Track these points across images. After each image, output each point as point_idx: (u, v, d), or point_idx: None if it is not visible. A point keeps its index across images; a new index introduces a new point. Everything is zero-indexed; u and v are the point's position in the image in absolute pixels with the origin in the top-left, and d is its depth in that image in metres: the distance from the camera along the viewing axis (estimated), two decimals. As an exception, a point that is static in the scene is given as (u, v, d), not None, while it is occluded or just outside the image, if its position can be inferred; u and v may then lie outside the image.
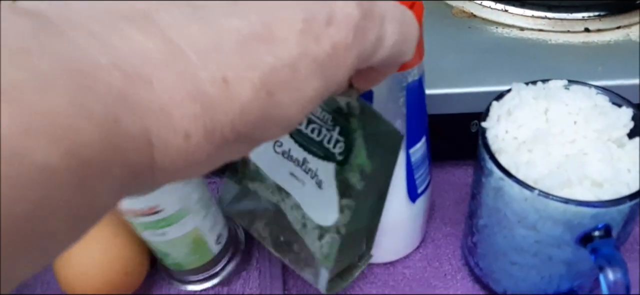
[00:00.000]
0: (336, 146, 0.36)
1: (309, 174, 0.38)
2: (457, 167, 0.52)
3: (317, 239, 0.38)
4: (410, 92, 0.37)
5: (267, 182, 0.41)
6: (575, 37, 0.50)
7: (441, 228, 0.48)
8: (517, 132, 0.37)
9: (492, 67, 0.48)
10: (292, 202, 0.40)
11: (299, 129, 0.37)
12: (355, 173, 0.35)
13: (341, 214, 0.37)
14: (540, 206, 0.35)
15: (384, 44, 0.24)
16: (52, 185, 0.15)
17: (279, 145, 0.39)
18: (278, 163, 0.39)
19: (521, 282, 0.40)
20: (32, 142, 0.15)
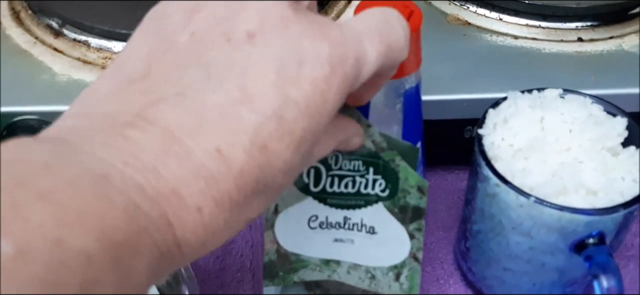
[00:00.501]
0: (376, 187, 0.36)
1: (355, 229, 0.38)
2: (449, 172, 0.52)
3: (394, 280, 0.38)
4: (407, 99, 0.38)
5: (311, 264, 0.39)
6: (569, 47, 0.51)
7: (434, 232, 0.48)
8: (513, 139, 0.38)
9: (486, 74, 0.48)
10: (347, 267, 0.39)
11: (331, 191, 0.37)
12: (414, 194, 0.36)
13: (413, 240, 0.37)
14: (535, 213, 0.35)
15: (367, 60, 0.25)
16: (92, 267, 0.18)
17: (314, 220, 0.38)
18: (317, 238, 0.38)
19: (513, 288, 0.40)
20: (68, 231, 0.17)
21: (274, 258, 0.39)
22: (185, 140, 0.21)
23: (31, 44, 0.50)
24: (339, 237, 0.38)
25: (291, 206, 0.38)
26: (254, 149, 0.22)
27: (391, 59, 0.27)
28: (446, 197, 0.51)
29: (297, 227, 0.38)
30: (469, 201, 0.41)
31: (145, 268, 0.20)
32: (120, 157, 0.20)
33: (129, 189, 0.20)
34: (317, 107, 0.23)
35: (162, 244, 0.20)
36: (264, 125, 0.22)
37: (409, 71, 0.37)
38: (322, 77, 0.23)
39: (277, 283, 0.40)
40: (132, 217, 0.19)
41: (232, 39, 0.23)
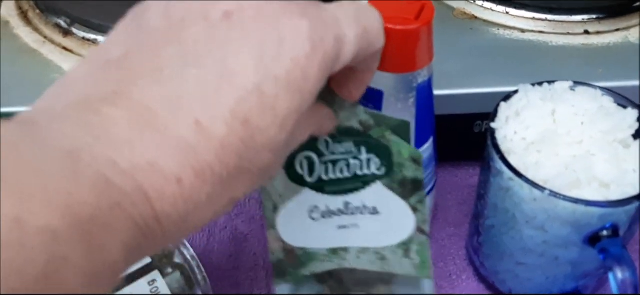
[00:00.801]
0: (371, 166, 0.36)
1: (357, 213, 0.37)
2: (458, 168, 0.52)
3: (404, 257, 0.38)
4: (420, 93, 0.38)
5: (319, 256, 0.39)
6: (575, 39, 0.51)
7: (445, 228, 0.48)
8: (525, 133, 0.38)
9: (494, 68, 0.48)
10: (356, 252, 0.39)
11: (327, 178, 0.36)
12: (409, 166, 0.35)
13: (417, 213, 0.36)
14: (549, 206, 0.35)
15: (347, 41, 0.25)
16: (58, 244, 0.17)
17: (315, 211, 0.38)
18: (321, 229, 0.38)
19: (527, 282, 0.41)
20: (28, 209, 0.17)
21: (282, 256, 0.39)
22: (163, 114, 0.21)
23: (40, 43, 0.50)
24: (343, 224, 0.38)
25: (290, 201, 0.37)
26: (235, 122, 0.22)
27: (369, 43, 0.27)
28: (456, 193, 0.51)
29: (299, 221, 0.38)
30: (481, 196, 0.41)
31: (120, 244, 0.20)
32: (91, 133, 0.20)
33: (99, 163, 0.19)
34: (299, 85, 0.23)
35: (139, 219, 0.20)
36: (245, 99, 0.22)
37: (422, 65, 0.37)
38: (303, 54, 0.23)
39: (288, 280, 0.40)
40: (102, 191, 0.19)
41: (209, 17, 0.23)
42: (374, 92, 0.37)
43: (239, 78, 0.22)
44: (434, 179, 0.43)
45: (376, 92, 0.37)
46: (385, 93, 0.37)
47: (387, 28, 0.35)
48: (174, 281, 0.41)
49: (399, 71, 0.36)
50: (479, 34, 0.51)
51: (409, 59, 0.36)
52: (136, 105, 0.21)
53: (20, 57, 0.49)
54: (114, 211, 0.19)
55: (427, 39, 0.36)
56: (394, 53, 0.36)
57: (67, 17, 0.51)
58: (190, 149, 0.21)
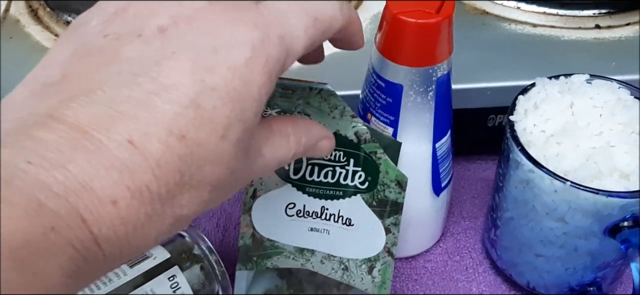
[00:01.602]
0: (355, 178, 0.36)
1: (331, 219, 0.38)
2: (471, 162, 0.52)
3: (367, 274, 0.38)
4: (439, 86, 0.38)
5: (285, 251, 0.40)
6: (587, 34, 0.51)
7: (460, 222, 0.48)
8: (544, 125, 0.38)
9: (507, 63, 0.48)
10: (320, 257, 0.39)
11: (310, 179, 0.37)
12: (393, 188, 0.36)
13: (389, 234, 0.37)
14: (570, 198, 0.36)
15: (295, 35, 0.25)
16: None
17: (291, 207, 0.38)
18: (293, 226, 0.39)
19: (545, 274, 0.41)
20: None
21: (249, 242, 0.40)
22: (96, 135, 0.20)
23: (52, 41, 0.50)
24: (315, 227, 0.38)
25: (269, 192, 0.38)
26: (171, 138, 0.21)
27: (322, 31, 0.26)
28: (470, 187, 0.51)
29: (274, 214, 0.39)
30: (499, 189, 0.41)
31: (58, 268, 0.19)
32: (24, 157, 0.19)
33: (32, 188, 0.19)
34: (239, 93, 0.23)
35: (76, 242, 0.20)
36: (181, 114, 0.21)
37: (442, 59, 0.37)
38: (241, 61, 0.23)
39: (250, 267, 0.41)
40: (35, 216, 0.19)
41: (143, 34, 0.23)
42: (393, 86, 0.37)
43: (173, 93, 0.21)
44: (451, 172, 0.43)
45: (395, 86, 0.37)
46: (404, 87, 0.37)
47: (408, 22, 0.35)
48: (193, 276, 0.41)
49: (419, 65, 0.36)
50: (490, 29, 0.51)
51: (430, 52, 0.36)
52: (70, 127, 0.20)
53: (33, 55, 0.49)
54: (49, 236, 0.19)
55: (448, 33, 0.36)
56: (415, 47, 0.36)
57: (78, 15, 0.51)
58: (125, 169, 0.20)
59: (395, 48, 0.36)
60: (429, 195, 0.42)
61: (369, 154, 0.36)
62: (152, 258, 0.42)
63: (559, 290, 0.41)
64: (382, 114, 0.39)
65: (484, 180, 0.51)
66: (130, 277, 0.41)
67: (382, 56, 0.37)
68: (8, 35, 0.51)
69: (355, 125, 0.35)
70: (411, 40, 0.36)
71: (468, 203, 0.50)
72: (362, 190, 0.37)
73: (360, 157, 0.36)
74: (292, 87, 0.35)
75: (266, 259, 0.40)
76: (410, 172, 0.36)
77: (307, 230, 0.38)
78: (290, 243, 0.39)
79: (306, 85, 0.35)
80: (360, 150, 0.35)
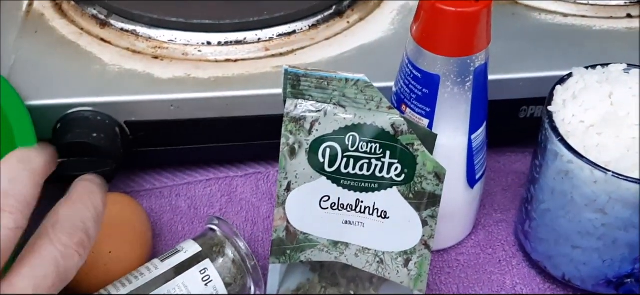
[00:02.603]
0: (391, 171, 0.36)
1: (366, 212, 0.38)
2: (501, 154, 0.52)
3: (403, 266, 0.38)
4: (477, 76, 0.37)
5: (319, 244, 0.39)
6: (618, 23, 0.50)
7: (492, 215, 0.48)
8: (583, 115, 0.37)
9: (538, 53, 0.48)
10: (355, 249, 0.39)
11: (346, 172, 0.37)
12: (431, 180, 0.35)
13: (426, 227, 0.37)
14: (611, 188, 0.35)
15: None
16: None
17: (326, 200, 0.38)
18: (327, 219, 0.38)
19: (582, 266, 0.40)
20: None
21: (283, 235, 0.39)
22: None
23: (77, 35, 0.49)
24: (350, 220, 0.38)
25: (304, 184, 0.37)
26: None
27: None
28: (500, 179, 0.50)
29: (308, 206, 0.38)
30: (535, 180, 0.41)
31: None
32: None
33: None
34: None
35: None
36: None
37: (480, 49, 0.36)
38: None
39: (283, 261, 0.40)
40: None
41: None
42: (430, 77, 0.37)
43: None
44: (485, 164, 0.43)
45: (432, 76, 0.37)
46: (442, 78, 0.37)
47: (447, 11, 0.35)
48: (225, 269, 0.41)
49: (457, 55, 0.36)
50: (521, 19, 0.51)
51: (468, 42, 0.36)
52: None
53: (59, 49, 0.48)
54: None
55: (487, 22, 0.36)
56: (453, 36, 0.35)
57: (104, 8, 0.51)
58: None
59: (433, 37, 0.36)
60: (463, 187, 0.42)
61: (406, 146, 0.35)
62: (183, 252, 0.41)
63: (596, 282, 0.41)
64: (418, 105, 0.39)
65: (515, 172, 0.51)
66: (161, 271, 0.40)
67: (419, 46, 0.36)
68: (33, 29, 0.50)
69: (392, 117, 0.35)
70: (450, 29, 0.35)
71: (499, 195, 0.49)
72: (399, 182, 0.36)
73: (397, 149, 0.35)
74: (328, 79, 0.35)
75: (300, 252, 0.40)
76: (445, 164, 0.35)
77: (342, 223, 0.38)
78: (325, 236, 0.39)
79: (342, 77, 0.34)
80: (397, 142, 0.35)
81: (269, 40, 0.49)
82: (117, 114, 0.45)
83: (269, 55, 0.48)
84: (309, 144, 0.36)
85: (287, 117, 0.36)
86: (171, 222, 0.48)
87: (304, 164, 0.37)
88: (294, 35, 0.49)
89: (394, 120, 0.35)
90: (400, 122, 0.35)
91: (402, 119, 0.35)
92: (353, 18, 0.51)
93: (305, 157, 0.37)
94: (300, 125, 0.36)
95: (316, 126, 0.36)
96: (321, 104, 0.35)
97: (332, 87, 0.35)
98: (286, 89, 0.36)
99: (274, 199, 0.48)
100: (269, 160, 0.52)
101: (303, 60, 0.47)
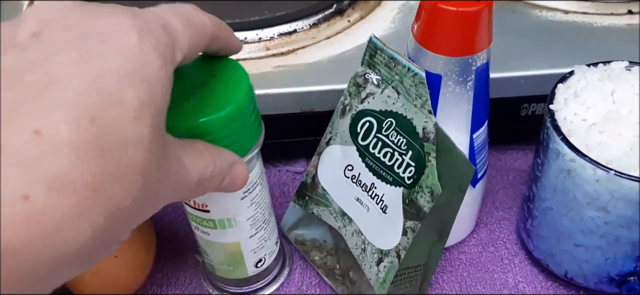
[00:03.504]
0: (406, 171, 0.37)
1: (374, 200, 0.38)
2: (502, 152, 0.52)
3: (375, 264, 0.39)
4: (478, 75, 0.37)
5: (331, 207, 0.41)
6: (620, 20, 0.50)
7: (493, 213, 0.48)
8: (585, 114, 0.37)
9: (539, 50, 0.48)
10: (354, 228, 0.40)
11: (372, 152, 0.38)
12: (425, 194, 0.36)
13: (404, 236, 0.37)
14: (613, 187, 0.35)
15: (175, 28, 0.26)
16: None
17: (350, 169, 0.39)
18: (346, 187, 0.40)
19: (584, 264, 0.40)
20: None
21: (309, 181, 0.42)
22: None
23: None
24: (361, 198, 0.39)
25: (339, 145, 0.40)
26: (81, 121, 0.20)
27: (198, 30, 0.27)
28: (502, 177, 0.50)
29: (335, 167, 0.40)
30: (536, 178, 0.41)
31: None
32: None
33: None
34: (139, 74, 0.22)
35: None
36: (83, 97, 0.20)
37: (481, 48, 0.36)
38: (133, 43, 0.22)
39: (300, 204, 0.43)
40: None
41: (17, 42, 0.22)
42: (432, 77, 0.37)
43: (69, 82, 0.20)
44: (487, 163, 0.43)
45: (434, 76, 0.37)
46: (443, 77, 0.37)
47: (448, 10, 0.35)
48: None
49: (459, 54, 0.36)
50: (522, 17, 0.51)
51: (470, 41, 0.36)
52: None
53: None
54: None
55: (488, 21, 0.36)
56: (455, 35, 0.35)
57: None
58: (33, 161, 0.19)
59: (434, 37, 0.36)
60: (465, 186, 0.42)
61: (426, 153, 0.36)
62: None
63: (598, 280, 0.41)
64: (419, 104, 0.39)
65: (516, 170, 0.51)
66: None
67: (420, 45, 0.36)
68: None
69: (427, 122, 0.35)
70: (451, 28, 0.35)
71: (501, 193, 0.49)
72: (406, 185, 0.37)
73: (418, 152, 0.36)
74: (396, 61, 0.36)
75: (314, 205, 0.42)
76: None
77: (354, 199, 0.40)
78: (337, 201, 0.41)
79: (406, 64, 0.36)
80: (422, 147, 0.36)
81: (270, 39, 0.49)
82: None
83: (270, 54, 0.48)
84: (356, 111, 0.39)
85: (353, 79, 0.39)
86: (172, 224, 0.48)
87: (345, 126, 0.39)
88: (295, 34, 0.49)
89: (427, 126, 0.35)
90: (430, 130, 0.35)
91: (434, 129, 0.35)
92: (354, 17, 0.51)
93: (349, 121, 0.39)
94: (358, 91, 0.39)
95: (369, 99, 0.38)
96: (384, 83, 0.37)
97: (396, 70, 0.36)
98: (365, 55, 0.38)
99: (275, 197, 0.49)
100: (271, 159, 0.52)
101: (304, 59, 0.47)
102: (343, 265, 0.43)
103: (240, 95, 0.31)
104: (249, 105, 0.32)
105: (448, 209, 0.37)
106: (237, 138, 0.32)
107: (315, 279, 0.44)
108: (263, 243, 0.40)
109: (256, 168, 0.36)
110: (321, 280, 0.43)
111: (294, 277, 0.44)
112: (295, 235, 0.45)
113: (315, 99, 0.45)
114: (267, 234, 0.40)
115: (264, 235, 0.40)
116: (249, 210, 0.37)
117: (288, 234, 0.45)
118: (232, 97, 0.31)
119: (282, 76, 0.46)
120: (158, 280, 0.43)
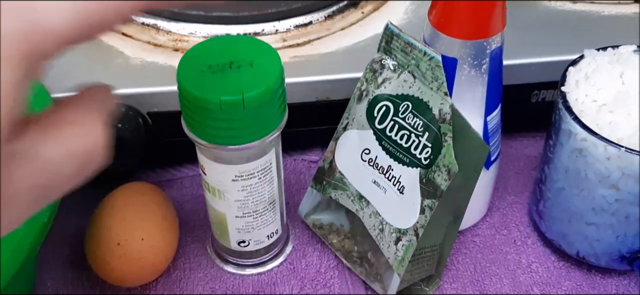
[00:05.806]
0: (423, 152, 0.38)
1: (391, 181, 0.40)
2: (512, 139, 0.53)
3: (393, 243, 0.40)
4: (492, 59, 0.38)
5: (349, 191, 0.42)
6: (628, 8, 0.52)
7: (505, 197, 0.49)
8: (596, 95, 0.38)
9: (548, 38, 0.49)
10: (371, 210, 0.41)
11: (389, 135, 0.39)
12: (442, 172, 0.37)
13: (421, 215, 0.38)
14: (624, 164, 0.36)
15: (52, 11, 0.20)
16: None
17: (367, 153, 0.40)
18: (363, 171, 0.41)
19: (596, 242, 0.41)
20: None
21: (326, 167, 0.43)
22: None
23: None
24: (378, 181, 0.40)
25: (356, 130, 0.41)
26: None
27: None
28: (513, 163, 0.51)
29: (352, 152, 0.41)
30: (548, 160, 0.42)
31: None
32: None
33: None
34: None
35: None
36: None
37: (496, 31, 0.38)
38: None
39: (318, 189, 0.44)
40: None
41: None
42: (448, 60, 0.38)
43: None
44: (500, 146, 0.44)
45: (450, 60, 0.38)
46: (459, 61, 0.38)
47: (464, -5, 0.36)
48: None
49: (474, 37, 0.37)
50: (531, 6, 0.52)
51: (485, 24, 0.37)
52: None
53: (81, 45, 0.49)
54: None
55: (503, 5, 0.37)
56: (470, 19, 0.37)
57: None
58: None
59: (450, 21, 0.37)
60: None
61: (442, 134, 0.37)
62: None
63: (610, 258, 0.42)
64: (435, 88, 0.40)
65: (526, 156, 0.52)
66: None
67: (436, 30, 0.38)
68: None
69: (443, 103, 0.36)
70: (467, 12, 0.36)
71: (512, 179, 0.50)
72: (423, 165, 0.38)
73: (434, 134, 0.37)
74: (412, 45, 0.37)
75: (332, 189, 0.43)
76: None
77: (371, 182, 0.41)
78: (355, 185, 0.42)
79: (422, 49, 0.37)
80: (438, 129, 0.37)
81: (286, 31, 0.50)
82: (140, 105, 0.46)
83: (287, 45, 0.49)
84: (373, 96, 0.40)
85: (370, 65, 0.40)
86: (193, 211, 0.49)
87: (362, 111, 0.40)
88: (311, 26, 0.51)
89: (442, 107, 0.36)
90: (447, 111, 0.36)
91: (450, 110, 0.36)
92: (367, 8, 0.52)
93: (366, 106, 0.40)
94: (375, 77, 0.40)
95: (386, 84, 0.39)
96: (401, 68, 0.38)
97: (412, 55, 0.38)
98: (382, 42, 0.39)
99: (291, 184, 0.50)
100: (288, 150, 0.53)
101: (319, 50, 0.49)
102: (361, 248, 0.44)
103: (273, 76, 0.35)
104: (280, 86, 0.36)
105: (463, 190, 0.39)
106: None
107: (334, 261, 0.45)
108: (250, 229, 0.42)
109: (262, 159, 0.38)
110: (339, 262, 0.44)
111: (312, 259, 0.45)
112: (312, 220, 0.46)
113: (331, 88, 0.47)
114: (256, 224, 0.41)
115: (252, 223, 0.41)
116: (239, 193, 0.39)
117: (306, 219, 0.46)
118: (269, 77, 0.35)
119: (298, 66, 0.47)
120: (181, 264, 0.45)
